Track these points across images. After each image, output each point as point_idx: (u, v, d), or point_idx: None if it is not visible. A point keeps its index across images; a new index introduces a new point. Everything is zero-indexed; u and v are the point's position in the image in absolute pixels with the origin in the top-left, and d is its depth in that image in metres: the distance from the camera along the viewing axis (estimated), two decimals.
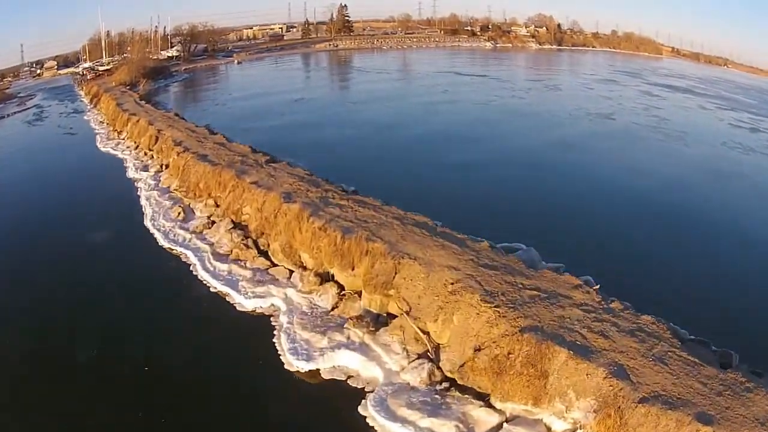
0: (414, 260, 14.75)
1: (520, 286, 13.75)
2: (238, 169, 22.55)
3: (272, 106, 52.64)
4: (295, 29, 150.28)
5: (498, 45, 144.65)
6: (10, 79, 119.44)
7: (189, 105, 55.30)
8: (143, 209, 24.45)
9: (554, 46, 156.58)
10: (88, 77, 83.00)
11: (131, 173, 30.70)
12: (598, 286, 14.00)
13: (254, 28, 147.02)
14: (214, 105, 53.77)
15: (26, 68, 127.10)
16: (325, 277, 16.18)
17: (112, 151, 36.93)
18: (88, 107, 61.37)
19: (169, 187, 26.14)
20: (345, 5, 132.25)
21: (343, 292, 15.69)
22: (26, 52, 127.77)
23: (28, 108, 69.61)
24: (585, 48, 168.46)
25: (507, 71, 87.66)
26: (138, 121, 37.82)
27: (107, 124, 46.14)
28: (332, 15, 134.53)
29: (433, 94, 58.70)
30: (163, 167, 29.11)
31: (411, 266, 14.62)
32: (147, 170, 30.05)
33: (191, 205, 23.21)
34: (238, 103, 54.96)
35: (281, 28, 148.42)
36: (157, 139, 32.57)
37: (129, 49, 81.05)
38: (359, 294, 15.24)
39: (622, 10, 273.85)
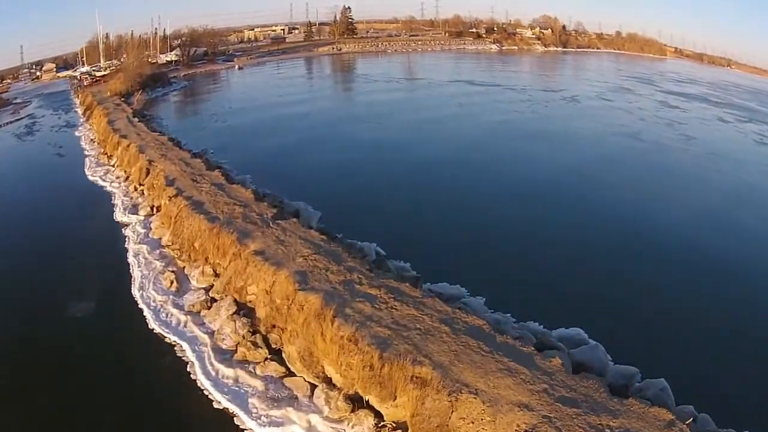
0: (475, 395, 11.04)
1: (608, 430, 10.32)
2: (239, 230, 18.68)
3: (275, 122, 48.71)
4: (297, 30, 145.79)
5: (503, 48, 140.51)
6: (9, 81, 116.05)
7: (186, 121, 51.09)
8: (131, 270, 20.60)
9: (559, 49, 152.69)
10: (85, 83, 79.04)
11: (119, 214, 26.78)
12: (690, 420, 10.73)
13: (255, 29, 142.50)
14: (212, 121, 49.55)
15: (25, 70, 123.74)
16: (358, 401, 12.42)
17: (100, 182, 32.97)
18: (81, 120, 57.40)
19: (160, 239, 22.31)
20: (349, 7, 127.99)
21: (383, 423, 11.97)
22: (27, 52, 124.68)
23: (21, 118, 65.71)
24: (590, 50, 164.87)
25: (519, 79, 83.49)
26: (128, 146, 33.88)
27: (98, 144, 42.15)
28: (335, 16, 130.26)
29: (449, 107, 54.94)
30: (154, 210, 25.26)
31: (472, 404, 10.90)
32: (136, 212, 26.16)
33: (186, 270, 19.39)
34: (238, 117, 50.90)
35: (283, 29, 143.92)
36: (148, 171, 28.68)
37: (125, 55, 76.60)
38: (404, 429, 11.57)
39: (625, 9, 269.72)
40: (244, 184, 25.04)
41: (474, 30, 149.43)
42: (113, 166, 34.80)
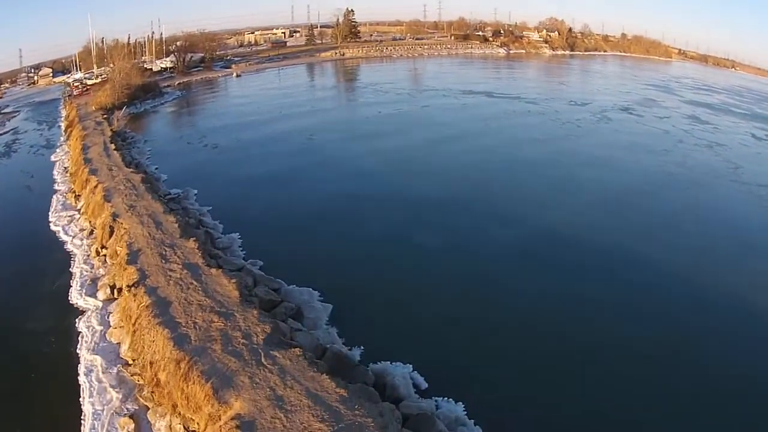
0: None
1: None
2: (217, 371, 12.33)
3: (275, 145, 42.20)
4: (298, 34, 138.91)
5: (511, 51, 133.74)
6: (7, 85, 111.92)
7: (171, 144, 43.88)
8: (80, 401, 14.33)
9: (567, 52, 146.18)
10: (75, 93, 72.65)
11: (75, 293, 20.34)
12: None
13: (256, 33, 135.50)
14: (200, 145, 42.54)
15: (24, 74, 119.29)
16: None
17: (62, 235, 26.47)
18: (62, 139, 51.12)
19: (119, 347, 16.00)
20: (352, 10, 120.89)
21: None
22: (29, 55, 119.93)
23: (5, 132, 60.26)
24: (596, 52, 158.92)
25: (538, 89, 76.73)
26: (96, 188, 27.50)
27: (70, 176, 35.75)
28: (338, 19, 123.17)
29: (473, 124, 48.49)
30: (115, 292, 18.92)
31: None
32: (95, 293, 19.73)
33: (149, 417, 13.08)
34: (232, 139, 44.19)
35: (284, 33, 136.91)
36: (112, 230, 22.33)
37: (111, 65, 69.92)
38: None
39: (627, 10, 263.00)
40: (228, 261, 18.67)
41: (480, 33, 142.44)
42: (79, 211, 28.39)
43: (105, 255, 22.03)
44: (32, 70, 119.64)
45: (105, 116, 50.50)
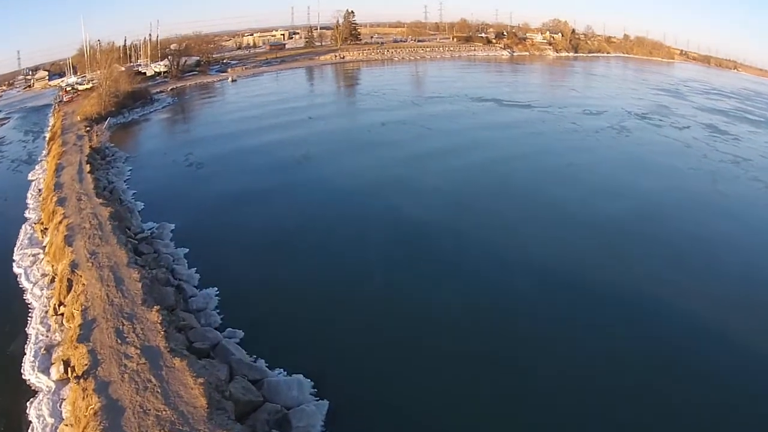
0: None
1: None
2: None
3: (266, 161, 38.36)
4: (297, 35, 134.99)
5: (515, 54, 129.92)
6: (4, 88, 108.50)
7: (153, 164, 39.56)
8: None
9: (571, 54, 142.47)
10: (65, 99, 68.93)
11: (27, 367, 16.72)
12: None
13: (255, 35, 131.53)
14: (187, 164, 38.51)
15: (21, 76, 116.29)
16: None
17: (23, 281, 22.86)
18: (44, 153, 47.45)
19: None
20: (352, 11, 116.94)
21: None
22: (27, 56, 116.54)
23: None
24: (599, 54, 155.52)
25: (548, 95, 73.03)
26: (60, 224, 23.90)
27: (42, 201, 32.17)
28: (338, 21, 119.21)
29: (491, 144, 43.75)
30: (69, 371, 15.39)
31: None
32: (48, 370, 16.11)
33: None
34: (220, 154, 40.47)
35: (283, 35, 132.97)
36: (70, 285, 18.79)
37: (97, 72, 66.13)
38: None
39: (630, 10, 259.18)
40: (199, 335, 15.12)
41: (483, 35, 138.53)
42: (44, 249, 24.81)
43: (62, 314, 18.53)
44: (30, 73, 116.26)
45: (88, 128, 46.84)
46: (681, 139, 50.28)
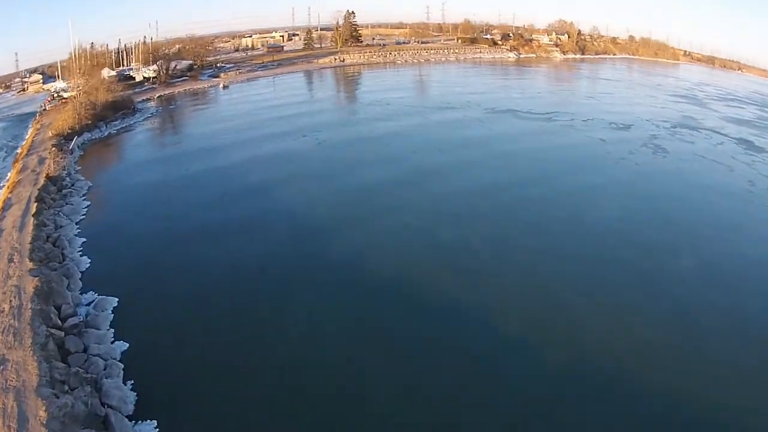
0: None
1: None
2: None
3: (247, 202, 31.04)
4: (297, 37, 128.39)
5: (521, 56, 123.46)
6: (1, 90, 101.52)
7: (119, 195, 32.64)
8: None
9: (578, 56, 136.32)
10: (47, 107, 62.65)
11: None
12: None
13: (253, 36, 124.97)
14: (155, 195, 31.77)
15: (18, 79, 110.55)
16: None
17: None
18: (3, 181, 41.02)
19: None
20: (353, 12, 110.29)
21: None
22: (26, 57, 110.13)
23: None
24: (606, 56, 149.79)
25: (564, 104, 65.99)
26: None
27: None
28: (338, 22, 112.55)
29: (518, 175, 35.65)
30: None
31: None
32: None
33: None
34: (195, 179, 34.31)
35: (282, 36, 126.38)
36: None
37: (70, 80, 59.65)
38: None
39: (632, 10, 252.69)
40: None
41: (488, 36, 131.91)
42: None
43: None
44: (28, 75, 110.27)
45: (54, 148, 40.53)
46: (719, 159, 44.11)
